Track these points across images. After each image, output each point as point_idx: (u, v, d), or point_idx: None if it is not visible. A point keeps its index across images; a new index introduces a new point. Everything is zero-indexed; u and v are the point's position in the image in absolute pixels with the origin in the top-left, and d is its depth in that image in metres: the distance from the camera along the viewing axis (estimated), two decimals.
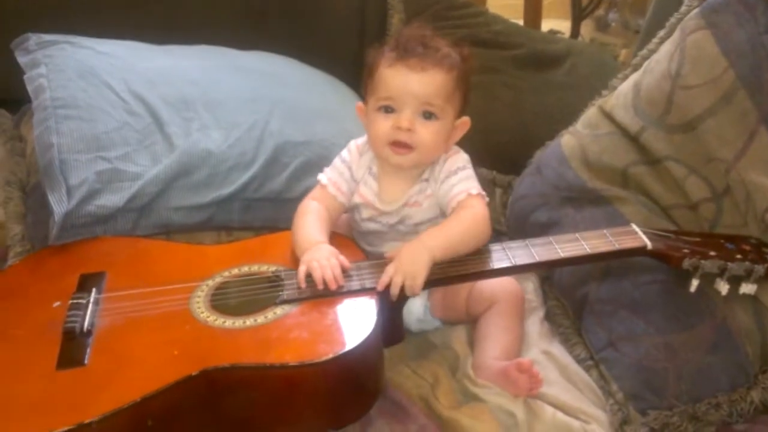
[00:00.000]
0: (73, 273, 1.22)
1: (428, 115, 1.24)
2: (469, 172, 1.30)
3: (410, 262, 1.17)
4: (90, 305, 1.14)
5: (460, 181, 1.28)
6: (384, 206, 1.31)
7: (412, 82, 1.22)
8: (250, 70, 1.72)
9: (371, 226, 1.34)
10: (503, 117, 1.82)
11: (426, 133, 1.24)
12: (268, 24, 1.90)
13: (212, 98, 1.57)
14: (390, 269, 1.17)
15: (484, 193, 1.29)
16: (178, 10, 1.84)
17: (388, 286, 1.16)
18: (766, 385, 1.20)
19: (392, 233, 1.33)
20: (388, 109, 1.25)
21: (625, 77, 1.54)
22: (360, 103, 1.34)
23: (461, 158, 1.31)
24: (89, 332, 1.10)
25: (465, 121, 1.31)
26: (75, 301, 1.15)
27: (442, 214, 1.31)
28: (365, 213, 1.33)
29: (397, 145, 1.25)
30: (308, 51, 1.88)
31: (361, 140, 1.36)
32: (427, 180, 1.30)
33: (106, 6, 1.78)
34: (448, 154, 1.31)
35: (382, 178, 1.32)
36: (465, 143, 1.34)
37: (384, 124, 1.25)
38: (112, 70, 1.56)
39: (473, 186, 1.28)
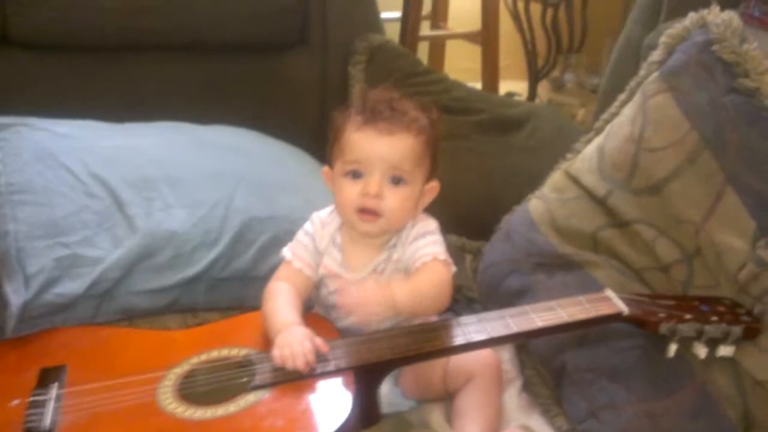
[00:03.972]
0: (31, 367, 1.17)
1: (397, 180, 1.23)
2: (438, 237, 1.28)
3: (369, 300, 1.16)
4: (51, 402, 1.09)
5: (427, 245, 1.26)
6: (351, 274, 1.28)
7: (381, 146, 1.21)
8: (212, 145, 1.69)
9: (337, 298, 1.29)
10: (469, 182, 1.82)
11: (395, 199, 1.22)
12: (229, 97, 1.90)
13: (174, 176, 1.54)
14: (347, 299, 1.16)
15: (450, 261, 1.27)
16: (136, 87, 1.82)
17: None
18: None
19: None
20: (356, 174, 1.23)
21: (589, 141, 1.54)
22: (326, 168, 1.31)
23: (430, 224, 1.30)
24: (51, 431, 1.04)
25: (434, 186, 1.30)
26: (34, 398, 1.10)
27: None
28: (331, 285, 1.30)
29: (365, 212, 1.23)
30: (270, 122, 1.87)
31: (324, 212, 1.34)
32: (394, 246, 1.28)
33: (62, 86, 1.76)
34: (416, 220, 1.29)
35: (347, 247, 1.30)
36: (433, 209, 1.33)
37: (351, 190, 1.23)
38: (69, 151, 1.53)
39: (440, 251, 1.26)
